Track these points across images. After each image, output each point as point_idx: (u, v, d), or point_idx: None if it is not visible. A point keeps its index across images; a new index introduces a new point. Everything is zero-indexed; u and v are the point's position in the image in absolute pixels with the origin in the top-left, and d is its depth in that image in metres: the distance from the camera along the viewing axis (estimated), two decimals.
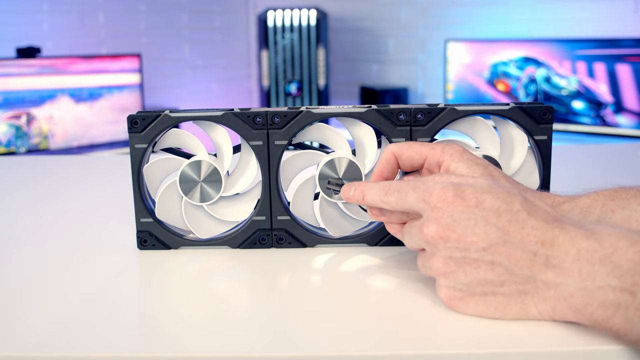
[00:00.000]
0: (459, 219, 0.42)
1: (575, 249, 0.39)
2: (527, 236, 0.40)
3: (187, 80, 3.63)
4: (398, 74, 3.69)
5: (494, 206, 0.41)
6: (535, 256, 0.40)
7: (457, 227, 0.42)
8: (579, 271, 0.39)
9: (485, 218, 0.41)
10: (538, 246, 0.40)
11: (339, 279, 0.52)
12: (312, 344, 0.41)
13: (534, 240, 0.40)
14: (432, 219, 0.43)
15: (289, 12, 3.33)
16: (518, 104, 0.55)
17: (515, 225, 0.41)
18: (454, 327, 0.42)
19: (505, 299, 0.42)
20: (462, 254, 0.42)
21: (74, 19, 3.09)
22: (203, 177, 0.56)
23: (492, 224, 0.41)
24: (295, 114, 0.55)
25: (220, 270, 0.55)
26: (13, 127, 2.71)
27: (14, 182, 0.91)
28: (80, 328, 0.43)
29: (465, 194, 0.42)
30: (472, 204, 0.42)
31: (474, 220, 0.41)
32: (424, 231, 0.43)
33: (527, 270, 0.40)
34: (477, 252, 0.41)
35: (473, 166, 0.50)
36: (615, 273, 0.37)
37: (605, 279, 0.38)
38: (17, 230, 0.67)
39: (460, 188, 0.43)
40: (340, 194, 0.55)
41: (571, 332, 0.40)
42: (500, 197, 0.42)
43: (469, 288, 0.42)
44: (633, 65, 2.85)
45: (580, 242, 0.39)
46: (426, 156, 0.51)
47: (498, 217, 0.41)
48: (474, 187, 0.42)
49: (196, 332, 0.42)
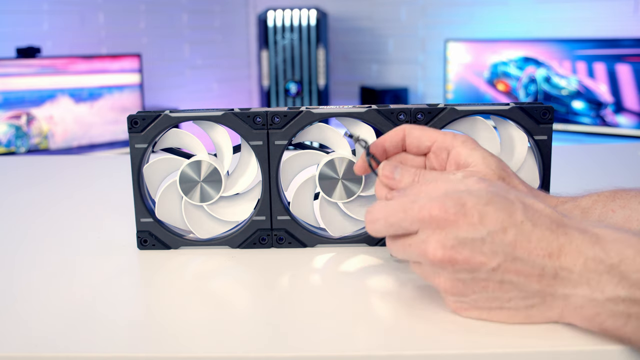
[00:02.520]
0: (464, 240, 0.40)
1: (582, 259, 0.38)
2: (534, 250, 0.39)
3: (187, 80, 3.63)
4: (398, 74, 3.69)
5: (498, 220, 0.39)
6: (544, 270, 0.39)
7: (464, 249, 0.40)
8: (588, 282, 0.38)
9: (491, 236, 0.39)
10: (546, 259, 0.39)
11: (339, 279, 0.52)
12: (312, 344, 0.41)
13: (541, 254, 0.39)
14: (435, 241, 0.40)
15: (289, 12, 3.33)
16: (518, 104, 0.55)
17: (521, 240, 0.39)
18: (454, 327, 0.42)
19: (512, 312, 0.41)
20: (470, 275, 0.40)
21: (74, 19, 3.09)
22: (203, 177, 0.56)
23: (498, 242, 0.39)
24: (295, 114, 0.55)
25: (220, 270, 0.55)
26: (13, 127, 2.71)
27: (14, 182, 0.91)
28: (80, 328, 0.43)
29: (466, 209, 0.40)
30: (475, 221, 0.40)
31: (480, 240, 0.39)
32: (429, 255, 0.41)
33: (536, 285, 0.40)
34: (486, 273, 0.40)
35: (488, 157, 0.48)
36: (623, 284, 0.37)
37: (614, 290, 0.37)
38: (17, 230, 0.67)
39: (459, 202, 0.40)
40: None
41: (571, 332, 0.40)
42: (502, 207, 0.40)
43: (477, 303, 0.42)
44: (633, 65, 2.85)
45: (586, 251, 0.38)
46: (435, 140, 0.50)
47: (504, 233, 0.39)
48: (473, 199, 0.40)
49: (196, 332, 0.42)
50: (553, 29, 3.16)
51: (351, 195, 0.56)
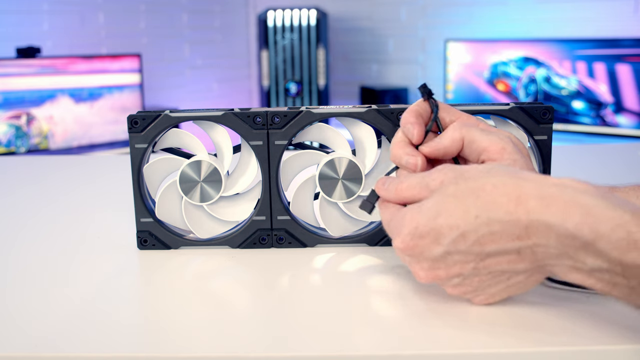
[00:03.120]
0: (434, 259, 0.42)
1: (553, 235, 0.38)
2: (501, 239, 0.40)
3: (187, 80, 3.63)
4: (398, 74, 3.69)
5: (452, 229, 0.40)
6: (521, 251, 0.40)
7: (439, 267, 0.42)
8: (567, 254, 0.38)
9: (454, 245, 0.41)
10: (517, 242, 0.39)
11: (339, 279, 0.52)
12: (312, 344, 0.41)
13: (510, 239, 0.39)
14: (415, 269, 0.44)
15: (289, 12, 3.33)
16: (518, 104, 0.55)
17: (484, 236, 0.40)
18: (454, 327, 0.42)
19: (519, 285, 0.42)
20: (459, 279, 0.43)
21: (74, 19, 3.09)
22: (203, 177, 0.56)
23: (464, 248, 0.41)
24: (295, 114, 0.55)
25: (220, 270, 0.55)
26: (13, 127, 2.71)
27: (14, 182, 0.91)
28: (80, 328, 0.43)
29: (420, 231, 0.42)
30: (432, 240, 0.41)
31: (445, 254, 0.41)
32: (419, 279, 0.44)
33: (522, 265, 0.40)
34: (471, 273, 0.42)
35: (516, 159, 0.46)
36: (603, 259, 0.36)
37: (595, 262, 0.37)
38: (17, 230, 0.67)
39: (411, 225, 0.42)
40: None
41: (573, 332, 0.40)
42: (453, 211, 0.41)
43: (483, 290, 0.43)
44: (633, 65, 2.85)
45: (555, 228, 0.37)
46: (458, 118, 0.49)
47: (464, 238, 0.40)
48: (423, 218, 0.42)
49: (196, 332, 0.42)
50: (553, 29, 3.16)
51: (351, 195, 0.56)
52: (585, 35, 3.04)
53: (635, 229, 0.35)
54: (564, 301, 0.45)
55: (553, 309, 0.44)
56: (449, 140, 0.47)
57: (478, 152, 0.47)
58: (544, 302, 0.45)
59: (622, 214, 0.36)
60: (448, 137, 0.47)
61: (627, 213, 0.36)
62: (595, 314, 0.43)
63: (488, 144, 0.46)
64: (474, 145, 0.47)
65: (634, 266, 0.35)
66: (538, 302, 0.45)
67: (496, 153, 0.45)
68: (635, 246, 0.35)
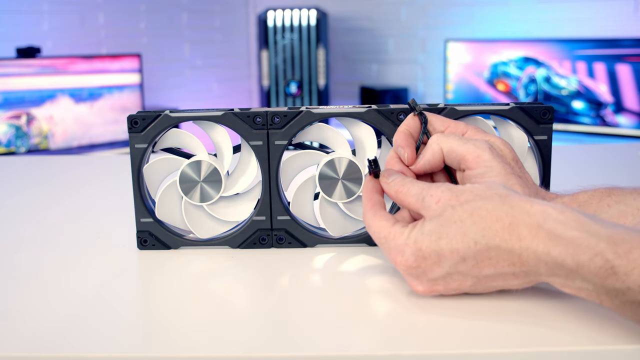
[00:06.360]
0: (434, 279, 0.44)
1: (542, 264, 0.40)
2: (497, 263, 0.42)
3: (187, 80, 3.63)
4: (398, 74, 3.69)
5: (453, 252, 0.42)
6: (515, 273, 0.42)
7: (438, 284, 0.44)
8: (558, 275, 0.40)
9: (454, 268, 0.43)
10: (511, 267, 0.42)
11: (339, 279, 0.52)
12: (312, 344, 0.41)
13: (505, 265, 0.42)
14: (414, 284, 0.45)
15: (289, 12, 3.33)
16: (518, 104, 0.55)
17: (482, 261, 0.42)
18: (454, 327, 0.42)
19: (516, 284, 0.44)
20: (459, 291, 0.45)
21: (73, 19, 3.09)
22: (203, 177, 0.56)
23: (463, 270, 0.43)
24: (295, 114, 0.55)
25: (220, 270, 0.55)
26: (13, 127, 2.71)
27: (14, 182, 0.91)
28: (80, 328, 0.43)
29: (423, 252, 0.43)
30: (434, 261, 0.43)
31: (446, 275, 0.43)
32: (417, 293, 0.46)
33: (516, 282, 0.43)
34: (468, 288, 0.44)
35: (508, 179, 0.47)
36: (588, 282, 0.39)
37: (582, 283, 0.40)
38: (17, 230, 0.67)
39: (415, 246, 0.43)
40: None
41: (573, 332, 0.40)
42: (454, 235, 0.42)
43: (485, 290, 0.45)
44: (633, 65, 2.85)
45: (543, 256, 0.40)
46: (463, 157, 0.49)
47: (464, 262, 0.42)
48: (425, 240, 0.43)
49: (196, 332, 0.42)
50: (553, 29, 3.16)
51: (351, 195, 0.56)
52: (585, 35, 3.04)
53: (612, 256, 0.37)
54: (564, 301, 0.45)
55: (553, 309, 0.44)
56: (430, 154, 0.50)
57: (457, 160, 0.49)
58: (544, 302, 0.45)
59: (597, 243, 0.38)
60: (429, 151, 0.50)
61: (603, 241, 0.38)
62: (595, 313, 0.43)
63: (464, 153, 0.48)
64: (452, 154, 0.49)
65: (614, 289, 0.38)
66: (538, 302, 0.45)
67: (472, 162, 0.48)
68: (612, 272, 0.37)
